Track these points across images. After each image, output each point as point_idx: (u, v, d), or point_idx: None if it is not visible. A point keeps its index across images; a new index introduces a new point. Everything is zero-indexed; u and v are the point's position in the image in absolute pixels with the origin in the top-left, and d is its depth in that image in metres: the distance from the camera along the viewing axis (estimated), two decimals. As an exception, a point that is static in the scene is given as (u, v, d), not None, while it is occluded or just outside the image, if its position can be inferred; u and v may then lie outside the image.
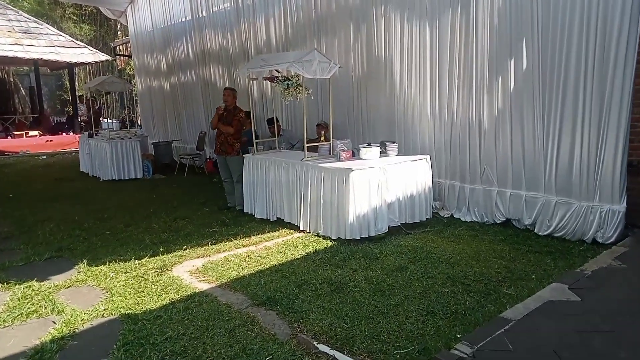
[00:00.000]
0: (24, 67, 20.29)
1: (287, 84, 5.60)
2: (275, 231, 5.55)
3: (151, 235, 5.57)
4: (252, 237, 5.36)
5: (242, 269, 4.37)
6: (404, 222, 5.35)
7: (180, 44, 11.25)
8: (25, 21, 16.16)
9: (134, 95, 18.39)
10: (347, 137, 6.48)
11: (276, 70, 6.22)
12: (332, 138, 5.80)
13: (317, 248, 4.86)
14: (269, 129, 7.94)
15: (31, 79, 19.71)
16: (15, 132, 16.10)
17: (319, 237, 5.22)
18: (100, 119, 15.53)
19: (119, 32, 22.91)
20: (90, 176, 10.00)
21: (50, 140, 15.59)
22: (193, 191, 8.20)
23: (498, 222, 5.51)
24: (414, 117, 6.30)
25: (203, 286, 4.02)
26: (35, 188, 8.74)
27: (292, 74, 5.67)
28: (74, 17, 21.28)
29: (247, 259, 4.61)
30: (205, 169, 10.24)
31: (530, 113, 5.11)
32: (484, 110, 5.52)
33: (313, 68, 5.31)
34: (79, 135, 14.11)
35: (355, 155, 5.61)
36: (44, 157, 13.70)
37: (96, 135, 10.33)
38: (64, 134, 16.70)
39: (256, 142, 6.35)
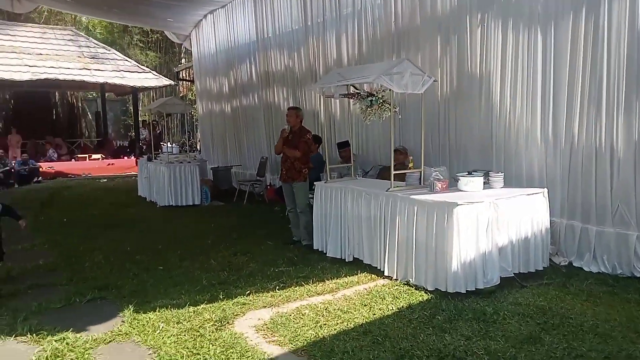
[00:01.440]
0: (92, 93, 20.87)
1: (371, 101, 4.77)
2: (353, 275, 4.62)
3: (208, 274, 4.79)
4: (327, 281, 4.46)
5: (320, 327, 3.46)
6: (516, 272, 4.28)
7: (244, 65, 10.81)
8: (95, 47, 16.54)
9: (194, 120, 18.34)
10: (431, 164, 5.51)
11: (353, 86, 5.43)
12: (423, 165, 4.85)
13: (411, 302, 3.88)
14: (340, 153, 7.13)
15: (98, 104, 20.18)
16: (79, 155, 16.28)
17: (410, 286, 4.23)
18: (161, 143, 15.42)
19: (182, 59, 23.30)
20: (148, 201, 9.54)
21: (112, 164, 15.60)
22: (254, 221, 7.45)
23: (638, 275, 4.31)
24: (518, 142, 5.26)
25: (273, 350, 3.14)
26: (90, 213, 8.31)
27: (377, 88, 4.84)
28: (141, 44, 21.82)
29: (324, 313, 3.69)
30: (265, 196, 9.54)
31: (690, 138, 3.97)
32: (618, 134, 4.41)
33: (404, 81, 4.45)
34: (139, 158, 13.97)
35: (451, 186, 4.63)
36: (105, 180, 13.57)
37: (155, 158, 9.93)
38: (125, 157, 16.74)
39: (329, 168, 5.50)
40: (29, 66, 14.34)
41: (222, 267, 5.00)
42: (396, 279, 4.44)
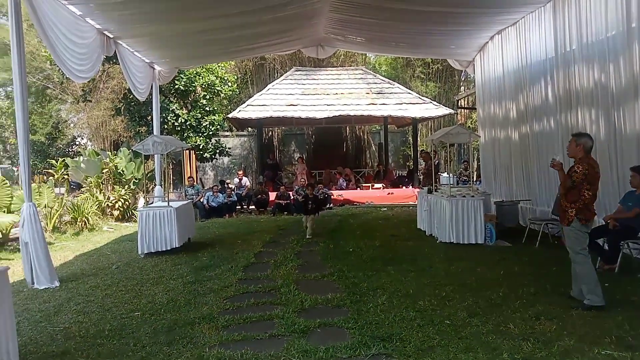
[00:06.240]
0: (376, 126, 22.37)
1: None
2: None
3: (507, 341, 3.89)
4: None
5: None
6: None
7: (537, 86, 9.49)
8: (380, 82, 17.61)
9: (472, 149, 17.52)
10: None
11: None
12: None
13: None
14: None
15: (380, 136, 21.50)
16: (363, 184, 17.43)
17: None
18: (438, 173, 15.12)
19: (461, 87, 22.89)
20: (427, 235, 9.15)
21: (392, 193, 16.09)
22: (553, 272, 6.13)
23: None
24: None
25: None
26: (372, 244, 8.38)
27: None
28: (422, 76, 22.39)
29: None
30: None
31: None
32: None
33: None
34: (418, 189, 13.94)
35: None
36: (385, 209, 14.00)
37: (435, 191, 9.53)
38: (404, 187, 17.10)
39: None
40: (327, 105, 16.19)
41: (523, 335, 4.02)
42: None
